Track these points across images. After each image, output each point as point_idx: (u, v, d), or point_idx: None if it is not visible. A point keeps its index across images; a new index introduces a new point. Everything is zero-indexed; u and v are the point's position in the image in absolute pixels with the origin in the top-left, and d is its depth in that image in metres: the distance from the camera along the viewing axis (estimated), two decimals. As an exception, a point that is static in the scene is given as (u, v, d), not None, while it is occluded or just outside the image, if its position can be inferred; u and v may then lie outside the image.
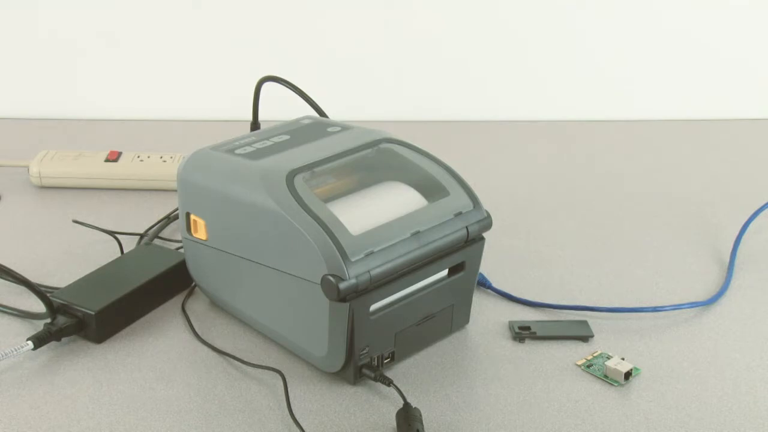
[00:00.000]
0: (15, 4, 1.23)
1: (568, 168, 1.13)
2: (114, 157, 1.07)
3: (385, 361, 0.75)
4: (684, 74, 1.28)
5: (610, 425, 0.70)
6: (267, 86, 1.05)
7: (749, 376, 0.75)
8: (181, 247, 0.89)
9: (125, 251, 0.90)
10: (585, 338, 0.80)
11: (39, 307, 0.82)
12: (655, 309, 0.83)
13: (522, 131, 1.24)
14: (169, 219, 0.98)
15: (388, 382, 0.72)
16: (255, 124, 0.98)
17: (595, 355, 0.77)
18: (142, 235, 0.95)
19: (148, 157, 1.07)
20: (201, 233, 0.79)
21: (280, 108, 1.13)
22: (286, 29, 1.25)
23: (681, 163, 1.14)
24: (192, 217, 0.80)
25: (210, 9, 1.24)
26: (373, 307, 0.71)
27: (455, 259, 0.75)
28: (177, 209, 0.99)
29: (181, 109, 1.28)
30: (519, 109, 1.29)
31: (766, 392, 0.73)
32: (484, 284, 0.86)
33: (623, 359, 0.76)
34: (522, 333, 0.79)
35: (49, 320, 0.79)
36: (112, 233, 0.94)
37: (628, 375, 0.74)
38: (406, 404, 0.69)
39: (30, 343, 0.76)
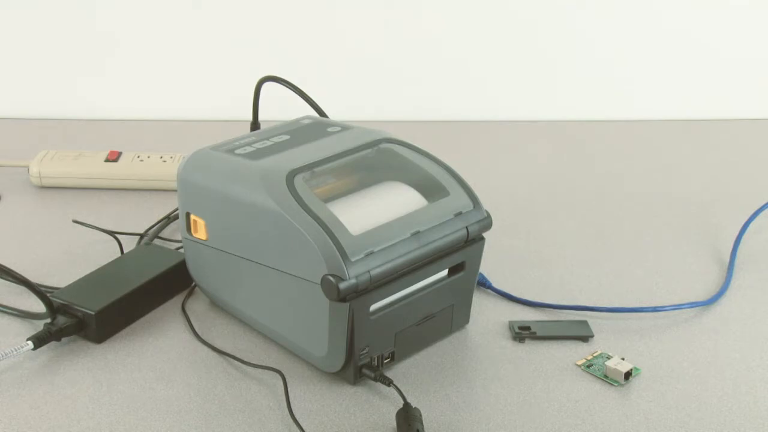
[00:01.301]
0: (15, 4, 1.23)
1: (568, 168, 1.13)
2: (114, 157, 1.07)
3: (385, 361, 0.75)
4: (684, 74, 1.28)
5: (610, 425, 0.70)
6: (267, 86, 1.05)
7: (749, 376, 0.75)
8: (181, 247, 0.89)
9: (125, 251, 0.90)
10: (585, 338, 0.80)
11: (39, 307, 0.82)
12: (655, 309, 0.83)
13: (522, 131, 1.24)
14: (169, 219, 0.98)
15: (388, 382, 0.72)
16: (255, 124, 0.98)
17: (595, 355, 0.77)
18: (142, 235, 0.95)
19: (148, 157, 1.07)
20: (201, 233, 0.79)
21: (280, 108, 1.13)
22: (286, 29, 1.25)
23: (681, 163, 1.14)
24: (192, 217, 0.80)
25: (210, 9, 1.24)
26: (373, 307, 0.71)
27: (455, 259, 0.75)
28: (177, 209, 0.99)
29: (181, 109, 1.28)
30: (519, 109, 1.29)
31: (766, 392, 0.73)
32: (484, 284, 0.86)
33: (623, 359, 0.76)
34: (522, 333, 0.79)
35: (49, 320, 0.79)
36: (112, 233, 0.94)
37: (628, 375, 0.74)
38: (406, 404, 0.69)
39: (30, 343, 0.76)
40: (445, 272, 0.77)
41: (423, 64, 1.27)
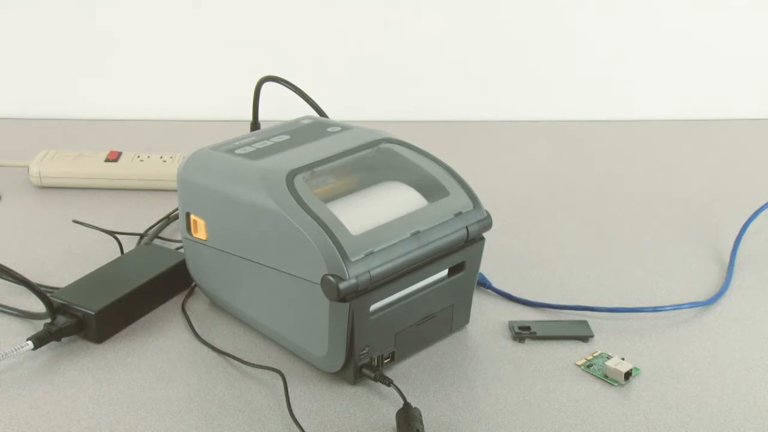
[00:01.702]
0: (15, 4, 1.23)
1: (568, 168, 1.13)
2: (114, 157, 1.07)
3: (385, 361, 0.75)
4: (684, 74, 1.28)
5: (610, 425, 0.70)
6: (267, 86, 1.05)
7: (749, 376, 0.75)
8: (181, 247, 0.89)
9: (125, 251, 0.90)
10: (585, 338, 0.80)
11: (39, 307, 0.82)
12: (655, 309, 0.83)
13: (522, 131, 1.24)
14: (169, 219, 0.98)
15: (388, 382, 0.72)
16: (255, 124, 0.98)
17: (595, 355, 0.77)
18: (142, 235, 0.95)
19: (148, 157, 1.07)
20: (201, 233, 0.79)
21: (280, 108, 1.13)
22: (286, 29, 1.25)
23: (681, 163, 1.14)
24: (192, 217, 0.80)
25: (210, 9, 1.24)
26: (373, 307, 0.71)
27: (455, 259, 0.75)
28: (177, 209, 0.99)
29: (181, 109, 1.28)
30: (519, 109, 1.29)
31: (766, 392, 0.73)
32: (484, 284, 0.86)
33: (623, 359, 0.76)
34: (522, 333, 0.79)
35: (49, 320, 0.79)
36: (112, 233, 0.94)
37: (628, 375, 0.74)
38: (406, 404, 0.69)
39: (30, 343, 0.76)
40: (445, 272, 0.77)
41: (423, 64, 1.27)
